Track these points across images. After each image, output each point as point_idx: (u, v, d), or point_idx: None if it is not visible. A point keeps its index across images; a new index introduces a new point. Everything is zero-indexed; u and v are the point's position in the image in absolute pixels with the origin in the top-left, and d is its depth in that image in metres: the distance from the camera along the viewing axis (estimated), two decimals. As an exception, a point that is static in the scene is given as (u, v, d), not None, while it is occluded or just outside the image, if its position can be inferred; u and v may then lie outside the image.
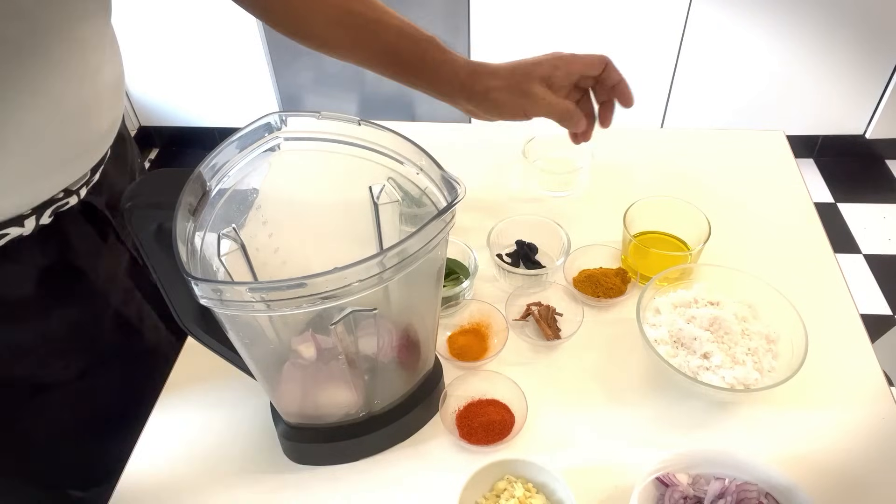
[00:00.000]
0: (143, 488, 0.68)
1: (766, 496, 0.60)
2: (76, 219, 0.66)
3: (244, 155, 0.58)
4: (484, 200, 0.96)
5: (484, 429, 0.68)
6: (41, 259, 0.63)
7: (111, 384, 0.76)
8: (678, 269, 0.79)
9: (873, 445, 0.68)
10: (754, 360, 0.70)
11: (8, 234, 0.58)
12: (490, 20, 2.10)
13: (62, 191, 0.61)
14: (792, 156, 1.03)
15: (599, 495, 0.64)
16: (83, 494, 0.80)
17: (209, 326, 0.63)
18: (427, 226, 0.49)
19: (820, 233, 0.90)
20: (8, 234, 0.58)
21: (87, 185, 0.65)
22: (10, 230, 0.58)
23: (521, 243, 0.88)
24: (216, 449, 0.70)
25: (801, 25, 2.05)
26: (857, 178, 2.36)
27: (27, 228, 0.60)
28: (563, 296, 0.81)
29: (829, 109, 2.27)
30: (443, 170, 0.55)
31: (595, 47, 2.13)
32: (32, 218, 0.59)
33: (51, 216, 0.61)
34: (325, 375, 0.64)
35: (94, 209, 0.68)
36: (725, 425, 0.70)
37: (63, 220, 0.63)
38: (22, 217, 0.58)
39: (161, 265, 0.57)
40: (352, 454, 0.68)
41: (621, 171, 1.00)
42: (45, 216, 0.61)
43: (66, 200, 0.62)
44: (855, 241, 2.14)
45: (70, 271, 0.67)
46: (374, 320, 0.56)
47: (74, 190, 0.63)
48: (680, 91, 2.22)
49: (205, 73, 2.30)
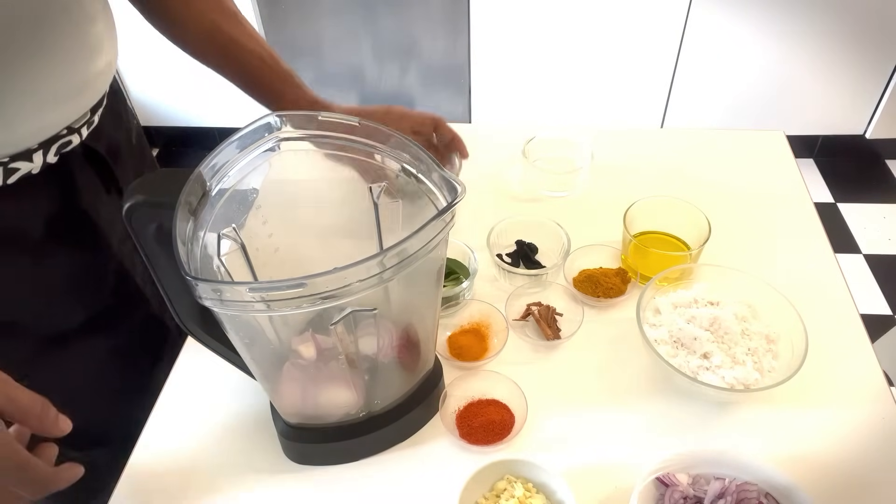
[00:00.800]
0: (143, 488, 0.68)
1: (766, 496, 0.60)
2: (80, 161, 0.69)
3: (244, 155, 0.58)
4: (484, 200, 0.96)
5: (484, 429, 0.68)
6: (49, 201, 0.66)
7: (117, 345, 0.78)
8: (678, 269, 0.79)
9: (873, 445, 0.68)
10: (754, 360, 0.70)
11: (19, 170, 0.61)
12: (490, 20, 2.10)
13: (66, 128, 0.65)
14: (792, 156, 1.03)
15: (599, 495, 0.64)
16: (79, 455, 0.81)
17: (209, 326, 0.63)
18: (427, 226, 0.49)
19: (820, 233, 0.90)
20: (19, 170, 0.61)
21: (87, 125, 0.68)
22: (20, 164, 0.61)
23: (521, 243, 0.88)
24: (216, 449, 0.70)
25: (801, 25, 2.05)
26: (857, 178, 2.36)
27: (35, 164, 0.62)
28: (563, 296, 0.81)
29: (829, 109, 2.27)
30: (443, 170, 0.55)
31: (595, 47, 2.14)
32: (40, 153, 0.62)
33: (56, 154, 0.64)
34: (325, 375, 0.64)
35: (97, 154, 0.71)
36: (725, 425, 0.70)
37: (68, 161, 0.67)
38: (30, 151, 0.62)
39: (161, 265, 0.57)
40: (352, 454, 0.68)
41: (621, 171, 1.00)
42: (52, 154, 0.64)
43: (69, 138, 0.65)
44: (855, 241, 2.14)
45: (76, 215, 0.70)
46: (374, 320, 0.56)
47: (76, 128, 0.66)
48: (680, 91, 2.22)
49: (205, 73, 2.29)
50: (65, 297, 0.72)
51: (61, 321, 0.72)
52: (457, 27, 2.14)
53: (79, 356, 0.75)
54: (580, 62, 2.17)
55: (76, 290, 0.73)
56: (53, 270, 0.69)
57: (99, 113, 0.71)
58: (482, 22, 2.11)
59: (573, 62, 2.17)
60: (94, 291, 0.74)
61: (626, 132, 1.10)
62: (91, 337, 0.75)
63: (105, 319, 0.76)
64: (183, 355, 0.78)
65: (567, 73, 2.19)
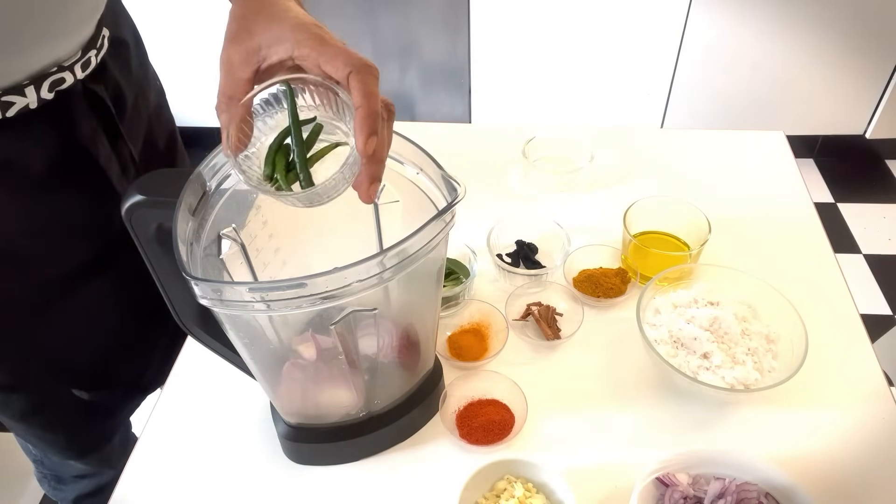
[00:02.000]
0: (144, 488, 0.68)
1: (766, 496, 0.60)
2: (80, 101, 0.68)
3: (244, 155, 0.58)
4: (484, 200, 0.96)
5: (484, 429, 0.68)
6: (50, 137, 0.66)
7: (123, 285, 0.78)
8: (678, 269, 0.79)
9: (873, 445, 0.68)
10: (754, 360, 0.70)
11: (14, 104, 0.61)
12: (490, 20, 2.10)
13: (55, 66, 0.64)
14: (792, 156, 1.03)
15: (599, 495, 0.64)
16: (88, 396, 0.82)
17: (209, 326, 0.63)
18: (427, 226, 0.49)
19: (820, 233, 0.90)
20: (14, 104, 0.61)
21: (83, 66, 0.68)
22: (14, 98, 0.61)
23: (521, 243, 0.88)
24: (216, 449, 0.70)
25: (801, 25, 2.05)
26: (857, 178, 2.36)
27: (30, 99, 0.62)
28: (563, 296, 0.81)
29: (829, 109, 2.27)
30: (443, 170, 0.55)
31: (595, 47, 2.14)
32: (32, 88, 0.62)
33: (51, 91, 0.64)
34: (325, 375, 0.64)
35: (98, 97, 0.71)
36: (725, 425, 0.70)
37: (66, 99, 0.66)
38: (21, 86, 0.61)
39: (161, 265, 0.57)
40: (352, 454, 0.68)
41: (621, 171, 1.00)
42: (45, 90, 0.63)
43: (61, 76, 0.65)
44: (855, 241, 2.14)
45: (78, 153, 0.69)
46: (374, 320, 0.56)
47: (67, 66, 0.65)
48: (680, 91, 2.22)
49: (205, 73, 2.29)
50: (67, 234, 0.72)
51: (65, 260, 0.72)
52: (457, 27, 2.14)
53: (84, 296, 0.75)
54: (580, 62, 2.17)
55: (79, 228, 0.73)
56: (54, 207, 0.69)
57: (98, 56, 0.70)
58: (482, 22, 2.11)
59: (573, 62, 2.17)
60: (97, 231, 0.74)
61: (626, 132, 1.10)
62: (96, 277, 0.75)
63: (109, 260, 0.76)
64: (183, 355, 0.78)
65: (567, 73, 2.19)
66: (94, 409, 0.85)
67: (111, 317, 0.80)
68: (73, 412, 0.84)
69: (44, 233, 0.70)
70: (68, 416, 0.84)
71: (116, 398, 0.88)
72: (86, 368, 0.81)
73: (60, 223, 0.71)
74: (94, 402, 0.84)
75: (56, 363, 0.78)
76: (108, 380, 0.84)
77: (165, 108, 0.89)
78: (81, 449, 0.90)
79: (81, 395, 0.82)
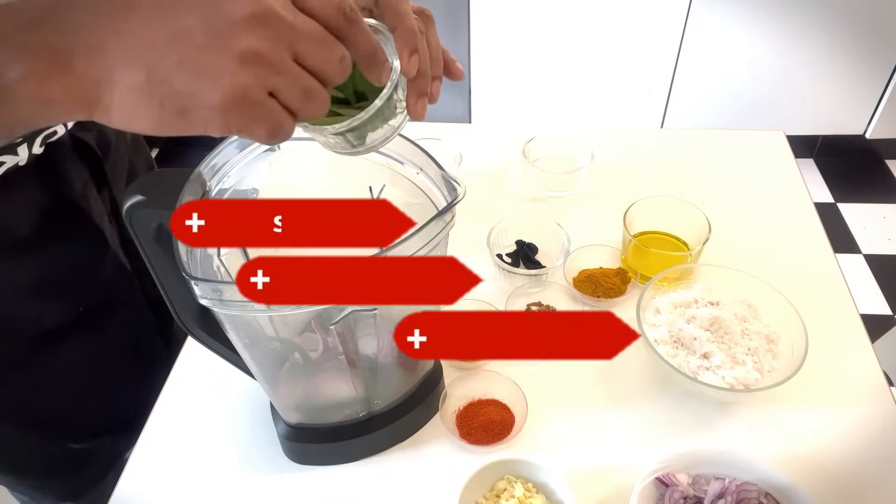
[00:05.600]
0: (144, 488, 0.68)
1: (766, 496, 0.60)
2: (69, 153, 0.68)
3: (244, 155, 0.58)
4: (484, 200, 0.96)
5: (484, 429, 0.68)
6: (39, 193, 0.66)
7: (115, 336, 0.78)
8: (678, 269, 0.79)
9: (873, 445, 0.68)
10: (754, 360, 0.70)
11: (4, 163, 0.61)
12: (490, 20, 2.10)
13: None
14: (792, 156, 1.03)
15: (599, 495, 0.64)
16: (81, 447, 0.81)
17: (209, 326, 0.63)
18: (427, 226, 0.49)
19: (820, 233, 0.90)
20: (4, 163, 0.61)
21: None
22: (5, 158, 0.61)
23: (521, 243, 0.88)
24: (216, 449, 0.70)
25: (801, 25, 2.05)
26: (857, 178, 2.36)
27: (21, 157, 0.62)
28: (563, 296, 0.81)
29: (829, 109, 2.27)
30: (443, 170, 0.55)
31: (595, 47, 2.14)
32: (24, 145, 0.61)
33: (42, 146, 0.63)
34: (325, 376, 0.64)
35: (86, 146, 0.70)
36: (725, 425, 0.70)
37: (56, 152, 0.66)
38: (14, 145, 0.61)
39: (161, 265, 0.57)
40: (352, 454, 0.68)
41: (621, 171, 1.00)
42: (37, 145, 0.63)
43: (53, 129, 0.64)
44: (855, 241, 2.14)
45: (67, 207, 0.69)
46: (374, 320, 0.56)
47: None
48: (680, 91, 2.22)
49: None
50: (58, 292, 0.71)
51: (55, 317, 0.72)
52: (457, 27, 2.14)
53: (75, 351, 0.74)
54: (580, 62, 2.17)
55: (69, 285, 0.72)
56: (45, 266, 0.68)
57: None
58: (482, 22, 2.11)
59: (573, 62, 2.17)
60: (88, 286, 0.74)
61: (626, 132, 1.10)
62: (87, 331, 0.75)
63: (101, 313, 0.75)
64: (183, 355, 0.78)
65: (567, 72, 2.19)
66: (87, 455, 0.84)
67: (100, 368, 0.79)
68: (66, 461, 0.82)
69: (34, 295, 0.69)
70: (61, 466, 0.83)
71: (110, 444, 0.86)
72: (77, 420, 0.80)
73: (49, 281, 0.70)
74: (88, 449, 0.83)
75: (47, 416, 0.77)
76: (101, 428, 0.83)
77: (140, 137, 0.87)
78: (76, 492, 0.88)
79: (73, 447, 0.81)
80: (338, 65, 0.37)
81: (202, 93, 0.34)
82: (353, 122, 0.45)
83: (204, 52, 0.33)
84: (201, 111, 0.34)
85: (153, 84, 0.33)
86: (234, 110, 0.34)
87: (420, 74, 0.48)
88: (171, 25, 0.33)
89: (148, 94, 0.34)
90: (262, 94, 0.35)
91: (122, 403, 0.82)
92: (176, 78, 0.33)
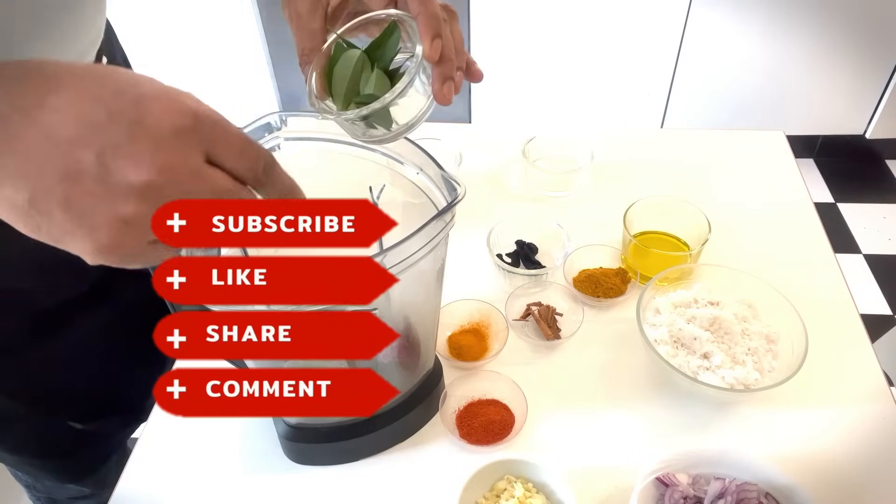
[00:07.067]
0: (144, 488, 0.68)
1: (766, 496, 0.60)
2: None
3: (244, 155, 0.58)
4: (484, 200, 0.96)
5: (484, 429, 0.68)
6: None
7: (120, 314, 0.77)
8: (678, 269, 0.79)
9: (873, 445, 0.68)
10: (754, 360, 0.70)
11: None
12: (490, 20, 2.10)
13: None
14: (792, 156, 1.03)
15: (599, 495, 0.64)
16: (83, 427, 0.82)
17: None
18: (427, 226, 0.49)
19: (820, 233, 0.90)
20: None
21: None
22: None
23: (521, 243, 0.88)
24: (216, 449, 0.70)
25: (801, 25, 2.05)
26: (857, 178, 2.36)
27: None
28: (563, 296, 0.81)
29: (829, 109, 2.27)
30: (443, 170, 0.55)
31: (595, 47, 2.14)
32: None
33: None
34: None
35: None
36: (725, 425, 0.70)
37: None
38: None
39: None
40: (352, 454, 0.68)
41: (621, 171, 1.00)
42: None
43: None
44: (855, 241, 2.14)
45: None
46: (373, 320, 0.56)
47: None
48: (680, 91, 2.22)
49: (204, 73, 2.30)
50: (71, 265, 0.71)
51: (65, 290, 0.72)
52: (457, 27, 2.14)
53: (81, 327, 0.75)
54: (580, 62, 2.17)
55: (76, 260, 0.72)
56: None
57: None
58: (482, 22, 2.11)
59: (573, 62, 2.17)
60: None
61: (626, 132, 1.10)
62: (93, 307, 0.75)
63: (107, 290, 0.75)
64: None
65: (567, 73, 2.19)
66: (90, 436, 0.84)
67: (109, 346, 0.79)
68: (68, 440, 0.83)
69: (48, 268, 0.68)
70: (63, 445, 0.83)
71: (114, 426, 0.87)
72: (83, 398, 0.81)
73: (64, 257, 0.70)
74: (91, 430, 0.83)
75: (54, 394, 0.77)
76: (106, 409, 0.83)
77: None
78: (77, 473, 0.88)
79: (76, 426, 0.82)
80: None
81: (78, 237, 0.35)
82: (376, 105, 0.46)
83: (89, 200, 0.34)
84: (74, 248, 0.36)
85: (33, 211, 0.34)
86: (106, 256, 0.36)
87: (444, 59, 0.48)
88: (66, 159, 0.33)
89: (26, 215, 0.34)
90: (138, 248, 0.36)
91: (127, 387, 0.83)
92: (56, 213, 0.34)
